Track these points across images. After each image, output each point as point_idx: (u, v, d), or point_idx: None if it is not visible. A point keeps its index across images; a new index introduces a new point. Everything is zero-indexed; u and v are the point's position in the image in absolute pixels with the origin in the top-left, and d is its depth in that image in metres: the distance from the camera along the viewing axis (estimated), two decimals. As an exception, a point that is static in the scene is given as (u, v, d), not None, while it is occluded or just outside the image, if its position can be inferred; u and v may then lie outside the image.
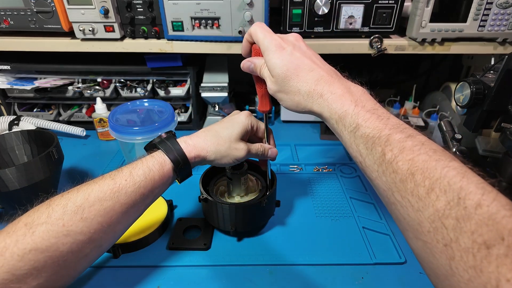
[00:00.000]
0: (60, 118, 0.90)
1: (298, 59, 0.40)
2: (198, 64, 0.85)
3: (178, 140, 0.47)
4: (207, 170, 0.60)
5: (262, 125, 0.53)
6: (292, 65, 0.40)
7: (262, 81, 0.45)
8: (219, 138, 0.48)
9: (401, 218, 0.29)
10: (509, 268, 0.21)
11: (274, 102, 0.99)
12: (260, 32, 0.42)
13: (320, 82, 0.38)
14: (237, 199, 0.56)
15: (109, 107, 0.85)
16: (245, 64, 0.46)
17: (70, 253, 0.37)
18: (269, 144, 0.54)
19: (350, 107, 0.35)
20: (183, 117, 0.89)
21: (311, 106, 0.38)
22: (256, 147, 0.51)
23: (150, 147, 0.47)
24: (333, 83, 0.37)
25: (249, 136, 0.52)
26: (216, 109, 0.87)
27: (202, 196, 0.54)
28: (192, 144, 0.47)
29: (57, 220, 0.36)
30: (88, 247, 0.38)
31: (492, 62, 0.74)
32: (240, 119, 0.50)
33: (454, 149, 0.59)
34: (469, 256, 0.22)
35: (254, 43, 0.44)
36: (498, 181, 0.57)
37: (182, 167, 0.45)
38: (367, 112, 0.34)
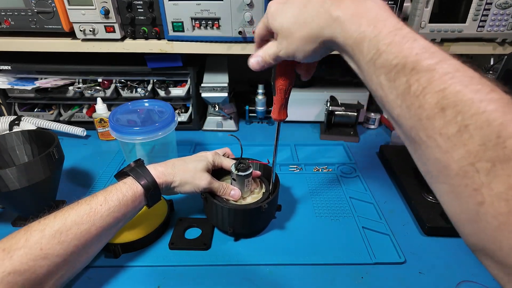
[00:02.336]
0: (61, 118, 0.90)
1: (299, 3, 0.35)
2: (198, 65, 0.85)
3: (148, 167, 0.51)
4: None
5: (225, 161, 0.58)
6: (294, 8, 0.35)
7: (284, 90, 0.44)
8: (186, 167, 0.53)
9: (425, 159, 0.25)
10: None
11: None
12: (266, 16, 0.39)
13: (325, 3, 0.32)
14: (239, 200, 0.56)
15: (109, 107, 0.85)
16: (252, 61, 0.42)
17: (47, 275, 0.39)
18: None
19: (368, 28, 0.28)
20: (183, 117, 0.89)
21: (323, 32, 0.32)
22: (219, 185, 0.55)
23: (121, 175, 0.51)
24: (342, 1, 0.31)
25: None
26: (216, 109, 0.88)
27: (203, 195, 0.54)
28: (161, 170, 0.51)
29: (35, 244, 0.38)
30: (63, 268, 0.41)
31: (492, 63, 0.74)
32: (206, 156, 0.56)
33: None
34: (501, 202, 0.20)
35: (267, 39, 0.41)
36: None
37: (153, 192, 0.49)
38: (389, 33, 0.27)
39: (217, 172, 0.59)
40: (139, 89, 0.85)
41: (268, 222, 0.58)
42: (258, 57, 0.40)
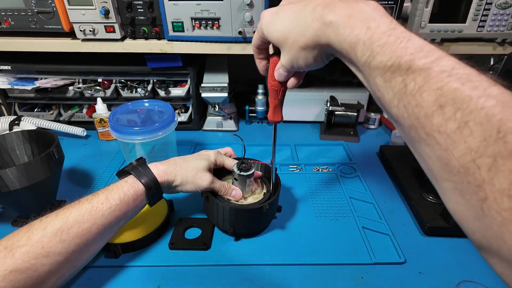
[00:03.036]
0: (61, 118, 0.90)
1: (290, 8, 0.35)
2: (198, 65, 0.85)
3: (149, 165, 0.51)
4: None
5: (227, 161, 0.58)
6: (286, 18, 0.35)
7: (276, 91, 0.44)
8: (188, 165, 0.53)
9: (426, 157, 0.25)
10: None
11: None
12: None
13: (317, 9, 0.32)
14: (240, 200, 0.56)
15: (109, 107, 0.85)
16: (275, 75, 0.42)
17: (49, 273, 0.39)
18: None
19: (362, 30, 0.28)
20: (184, 117, 0.89)
21: (318, 39, 0.32)
22: (220, 184, 0.54)
23: (123, 173, 0.50)
24: (334, 5, 0.31)
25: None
26: (216, 109, 0.88)
27: (204, 194, 0.54)
28: (162, 169, 0.51)
29: (37, 242, 0.38)
30: (65, 267, 0.41)
31: (492, 63, 0.74)
32: (208, 155, 0.56)
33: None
34: (504, 198, 0.20)
35: (269, 55, 0.42)
36: None
37: (154, 190, 0.49)
38: (382, 34, 0.27)
39: (219, 171, 0.59)
40: (139, 89, 0.85)
41: (269, 222, 0.58)
42: (279, 69, 0.41)
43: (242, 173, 0.54)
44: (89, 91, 0.86)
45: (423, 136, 0.24)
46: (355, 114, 0.85)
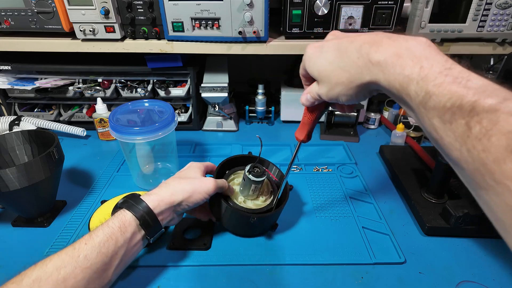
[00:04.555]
0: (61, 118, 0.90)
1: (335, 44, 0.35)
2: (198, 65, 0.85)
3: (142, 196, 0.46)
4: (228, 159, 0.58)
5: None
6: (331, 54, 0.35)
7: (308, 122, 0.45)
8: (181, 179, 0.49)
9: (494, 206, 0.23)
10: None
11: (275, 103, 0.98)
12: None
13: (364, 46, 0.31)
14: (240, 199, 0.55)
15: (109, 107, 0.86)
16: (302, 99, 0.43)
17: None
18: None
19: (414, 69, 0.27)
20: (183, 117, 0.89)
21: (363, 77, 0.31)
22: (222, 181, 0.52)
23: (113, 210, 0.46)
24: (381, 42, 0.30)
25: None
26: (216, 109, 0.87)
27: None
28: (155, 194, 0.46)
29: None
30: None
31: (492, 63, 0.74)
32: (192, 164, 0.54)
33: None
34: None
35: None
36: None
37: (148, 220, 0.43)
38: (438, 73, 0.25)
39: (224, 171, 0.59)
40: (139, 89, 0.85)
41: (258, 233, 0.56)
42: (307, 95, 0.41)
43: (251, 176, 0.51)
44: (89, 91, 0.86)
45: (491, 183, 0.22)
46: (355, 114, 0.85)
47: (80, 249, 0.38)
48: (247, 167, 0.52)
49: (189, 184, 0.48)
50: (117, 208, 0.46)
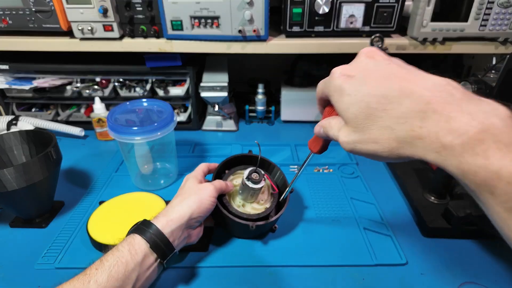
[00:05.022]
0: (59, 118, 0.89)
1: (378, 84, 0.27)
2: (198, 64, 0.85)
3: (151, 220, 0.45)
4: (228, 159, 0.58)
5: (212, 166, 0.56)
6: (372, 97, 0.27)
7: (314, 152, 0.43)
8: (182, 195, 0.48)
9: None
10: None
11: (275, 102, 0.98)
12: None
13: (428, 113, 0.23)
14: (238, 203, 0.55)
15: (108, 107, 0.85)
16: (316, 130, 0.37)
17: None
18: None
19: (503, 161, 0.20)
20: (183, 117, 0.88)
21: (416, 151, 0.24)
22: (219, 182, 0.51)
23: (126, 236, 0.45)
24: (454, 113, 0.22)
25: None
26: (216, 109, 0.87)
27: None
28: (162, 215, 0.45)
29: None
30: None
31: (494, 62, 0.73)
32: (189, 175, 0.53)
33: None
34: None
35: (328, 102, 0.35)
36: None
37: (158, 242, 0.43)
38: None
39: (224, 171, 0.58)
40: (137, 89, 0.85)
41: (256, 236, 0.56)
42: (321, 128, 0.36)
43: (248, 182, 0.51)
44: (87, 91, 0.85)
45: None
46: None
47: (91, 275, 0.38)
48: (246, 173, 0.51)
49: (192, 196, 0.48)
50: (128, 234, 0.45)
